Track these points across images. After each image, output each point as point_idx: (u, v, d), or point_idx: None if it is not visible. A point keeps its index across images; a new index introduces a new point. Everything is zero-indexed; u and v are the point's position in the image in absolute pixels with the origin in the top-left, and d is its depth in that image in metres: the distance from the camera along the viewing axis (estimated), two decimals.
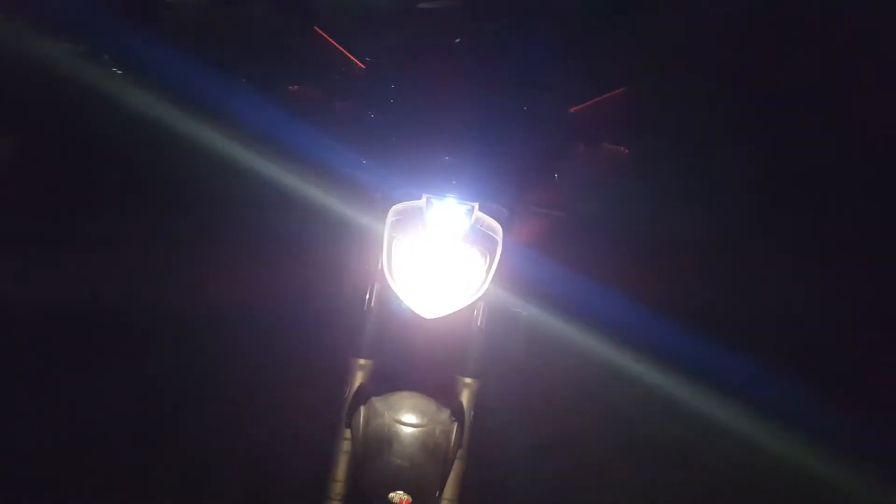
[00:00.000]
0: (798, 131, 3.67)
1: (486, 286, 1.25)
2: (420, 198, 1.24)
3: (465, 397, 1.38)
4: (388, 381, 1.37)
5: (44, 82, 3.87)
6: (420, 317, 1.25)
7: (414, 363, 1.41)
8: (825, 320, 2.62)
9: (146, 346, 2.55)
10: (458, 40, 1.85)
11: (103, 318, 2.66)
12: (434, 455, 1.29)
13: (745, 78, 3.98)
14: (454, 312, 1.25)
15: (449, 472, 1.32)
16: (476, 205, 1.23)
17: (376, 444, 1.29)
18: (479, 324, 1.39)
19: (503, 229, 1.27)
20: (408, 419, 1.29)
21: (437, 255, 1.25)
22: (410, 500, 1.26)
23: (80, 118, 3.79)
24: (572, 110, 1.47)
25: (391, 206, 1.27)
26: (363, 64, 1.55)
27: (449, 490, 1.34)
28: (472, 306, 1.31)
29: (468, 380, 1.38)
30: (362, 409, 1.33)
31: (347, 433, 1.36)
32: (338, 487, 1.38)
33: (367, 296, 1.39)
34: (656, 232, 2.97)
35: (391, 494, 1.26)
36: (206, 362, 2.44)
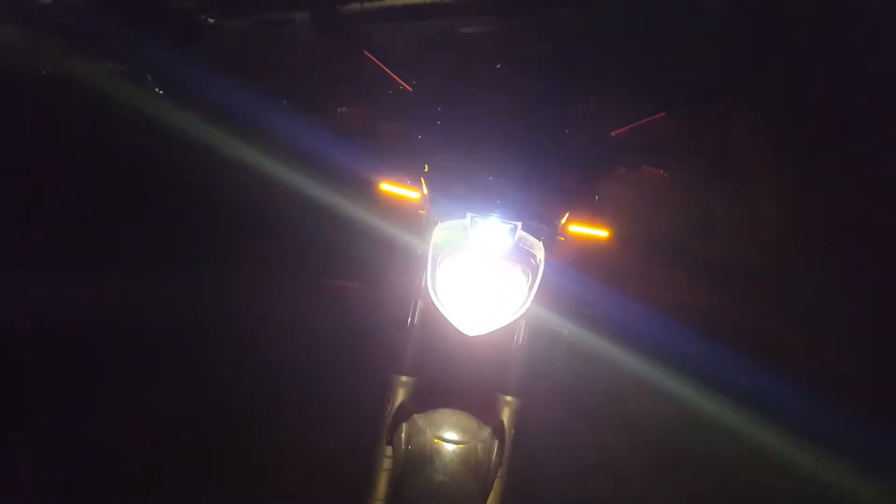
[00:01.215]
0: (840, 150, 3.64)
1: (527, 304, 1.26)
2: (464, 217, 1.27)
3: (506, 415, 1.38)
4: (430, 398, 1.39)
5: (86, 102, 4.02)
6: (462, 334, 1.27)
7: (455, 380, 1.42)
8: (865, 346, 2.57)
9: (187, 359, 2.61)
10: (498, 65, 1.89)
11: (154, 331, 2.72)
12: (475, 472, 1.30)
13: (787, 103, 3.97)
14: (496, 330, 1.27)
15: (490, 489, 1.32)
16: (519, 224, 1.25)
17: (418, 461, 1.30)
18: (520, 342, 1.40)
19: (545, 248, 1.29)
20: (449, 436, 1.30)
21: (481, 273, 1.27)
22: None
23: (123, 139, 3.91)
24: (613, 134, 1.49)
25: (436, 225, 1.30)
26: (410, 87, 1.60)
27: None
28: (513, 324, 1.32)
29: (509, 398, 1.39)
30: (404, 426, 1.34)
31: (388, 450, 1.37)
32: None
33: (411, 313, 1.41)
34: (694, 254, 2.95)
35: None
36: (248, 378, 2.49)
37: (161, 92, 4.11)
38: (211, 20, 8.25)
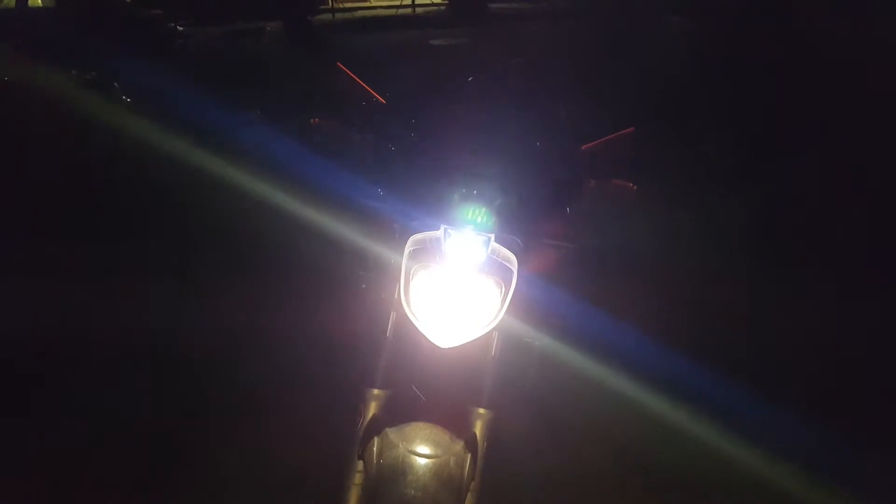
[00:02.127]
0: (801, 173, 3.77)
1: (501, 316, 1.26)
2: (438, 229, 1.27)
3: (478, 428, 1.38)
4: (403, 411, 1.38)
5: (51, 109, 3.94)
6: (435, 346, 1.26)
7: (428, 393, 1.41)
8: (825, 348, 2.64)
9: (155, 375, 2.56)
10: (470, 78, 1.91)
11: (114, 346, 2.67)
12: (448, 486, 1.29)
13: (750, 118, 4.09)
14: (469, 342, 1.27)
15: (463, 503, 1.31)
16: (492, 236, 1.26)
17: (390, 476, 1.29)
18: (493, 354, 1.40)
19: (518, 260, 1.30)
20: (422, 450, 1.29)
21: (454, 285, 1.27)
22: None
23: (87, 146, 3.84)
24: (584, 147, 1.51)
25: (409, 237, 1.30)
26: (383, 99, 1.60)
27: None
28: (486, 336, 1.32)
29: (482, 410, 1.38)
30: (376, 439, 1.33)
31: (360, 465, 1.36)
32: None
33: (384, 326, 1.40)
34: (665, 265, 3.00)
35: None
36: (219, 391, 2.45)
37: (128, 100, 4.04)
38: (180, 28, 8.17)
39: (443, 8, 13.49)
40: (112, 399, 2.40)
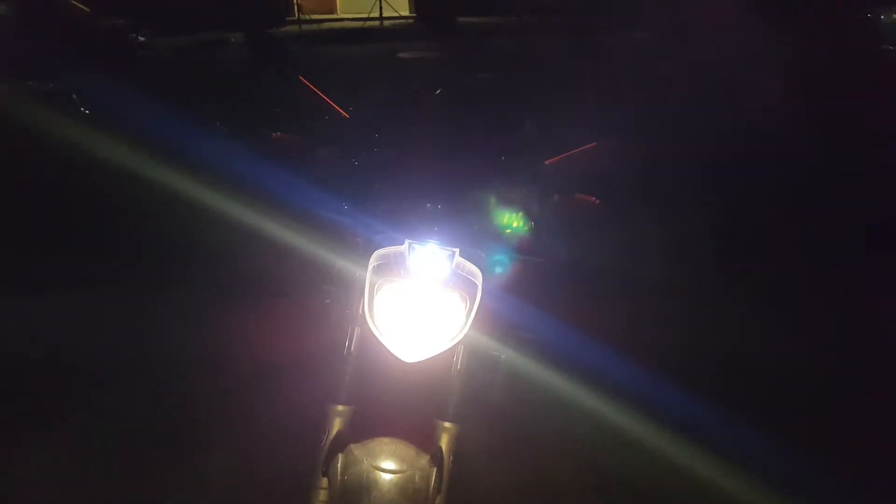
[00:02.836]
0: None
1: (466, 330, 1.27)
2: (402, 243, 1.27)
3: (444, 442, 1.38)
4: (367, 427, 1.37)
5: (7, 122, 3.85)
6: (400, 361, 1.26)
7: (393, 408, 1.41)
8: (796, 359, 2.70)
9: (113, 390, 2.50)
10: (437, 91, 1.92)
11: (75, 364, 2.60)
12: (413, 501, 1.28)
13: (711, 131, 4.20)
14: (434, 356, 1.27)
15: None
16: (457, 250, 1.26)
17: (355, 492, 1.28)
18: (458, 367, 1.40)
19: (482, 274, 1.30)
20: (387, 465, 1.29)
21: (419, 300, 1.27)
22: None
23: (44, 158, 3.75)
24: (547, 162, 1.53)
25: (373, 252, 1.29)
26: (347, 113, 1.60)
27: None
28: (451, 350, 1.32)
29: (448, 424, 1.38)
30: (340, 456, 1.32)
31: (324, 482, 1.35)
32: None
33: (347, 341, 1.40)
34: (628, 277, 3.06)
35: None
36: (177, 409, 2.40)
37: (87, 111, 3.96)
38: (141, 39, 8.04)
39: (411, 21, 13.59)
40: (50, 421, 2.34)
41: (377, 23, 13.56)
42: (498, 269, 1.43)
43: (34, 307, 2.96)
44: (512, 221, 1.48)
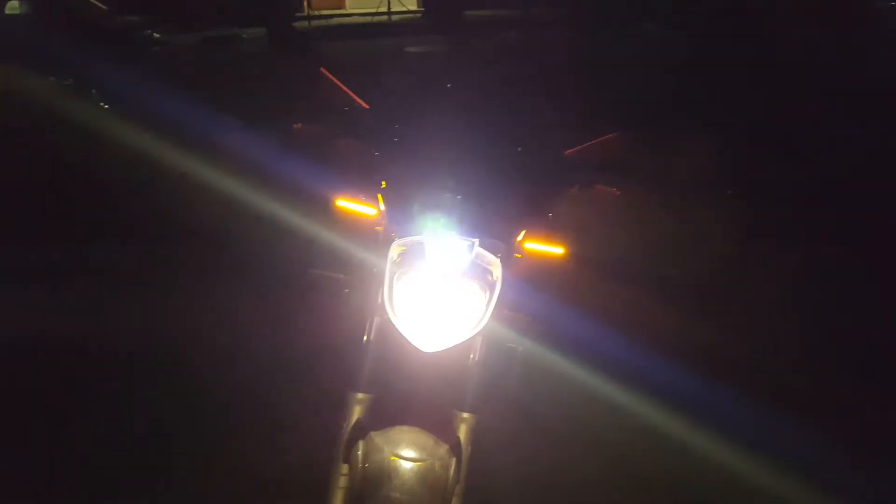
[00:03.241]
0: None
1: (485, 321, 1.27)
2: (421, 233, 1.27)
3: (462, 432, 1.38)
4: (386, 415, 1.37)
5: (30, 116, 3.89)
6: (418, 351, 1.27)
7: (411, 397, 1.41)
8: (816, 352, 2.68)
9: (139, 380, 2.53)
10: (448, 84, 1.92)
11: (91, 352, 2.63)
12: (433, 490, 1.29)
13: (731, 123, 4.16)
14: (452, 347, 1.27)
15: None
16: (476, 241, 1.26)
17: (375, 479, 1.29)
18: (476, 358, 1.41)
19: (502, 265, 1.31)
20: (407, 454, 1.30)
21: (438, 290, 1.27)
22: None
23: (65, 152, 3.79)
24: (567, 153, 1.53)
25: (393, 242, 1.30)
26: (366, 104, 1.60)
27: None
28: (470, 341, 1.32)
29: (465, 415, 1.39)
30: (361, 443, 1.33)
31: (345, 468, 1.36)
32: None
33: (367, 330, 1.41)
34: (647, 269, 3.04)
35: None
36: (201, 397, 2.43)
37: (106, 106, 4.01)
38: (157, 35, 8.10)
39: (418, 16, 13.56)
40: (87, 406, 2.37)
41: (385, 17, 13.55)
42: (517, 260, 1.43)
43: (62, 294, 2.99)
44: (531, 212, 1.48)
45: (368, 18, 13.29)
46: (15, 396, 2.40)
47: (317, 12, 13.57)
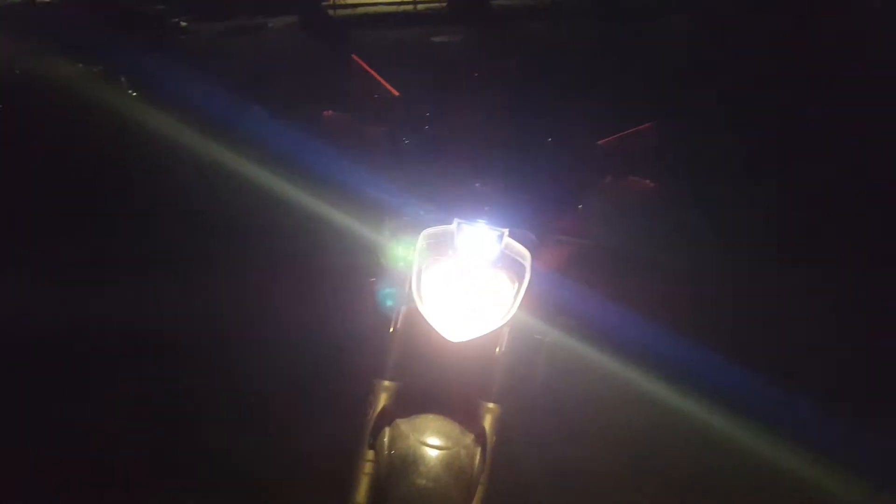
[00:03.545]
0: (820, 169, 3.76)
1: (513, 311, 1.26)
2: (451, 222, 1.27)
3: (488, 422, 1.38)
4: (412, 403, 1.38)
5: (59, 102, 3.95)
6: (445, 340, 1.26)
7: (437, 386, 1.41)
8: (843, 345, 2.64)
9: (168, 366, 2.57)
10: (475, 74, 1.91)
11: (122, 341, 2.68)
12: (458, 478, 1.29)
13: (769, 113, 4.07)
14: (479, 337, 1.27)
15: (473, 495, 1.32)
16: (506, 231, 1.26)
17: (401, 466, 1.29)
18: (503, 349, 1.40)
19: (531, 256, 1.30)
20: (433, 442, 1.30)
21: (466, 280, 1.27)
22: None
23: (94, 139, 3.84)
24: (601, 143, 1.51)
25: (422, 230, 1.30)
26: (397, 92, 1.60)
27: None
28: (497, 331, 1.32)
29: (491, 405, 1.39)
30: (387, 430, 1.34)
31: (370, 454, 1.36)
32: None
33: (394, 318, 1.41)
34: (680, 263, 3.00)
35: None
36: (229, 381, 2.47)
37: (134, 94, 4.05)
38: (183, 24, 8.18)
39: (444, 5, 13.47)
40: (122, 388, 2.43)
41: (410, 7, 13.50)
42: (547, 251, 1.42)
43: (99, 287, 3.04)
44: (561, 203, 1.47)
45: (394, 8, 13.25)
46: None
47: (342, 2, 13.57)
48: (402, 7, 13.32)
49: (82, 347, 2.63)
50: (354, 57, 1.60)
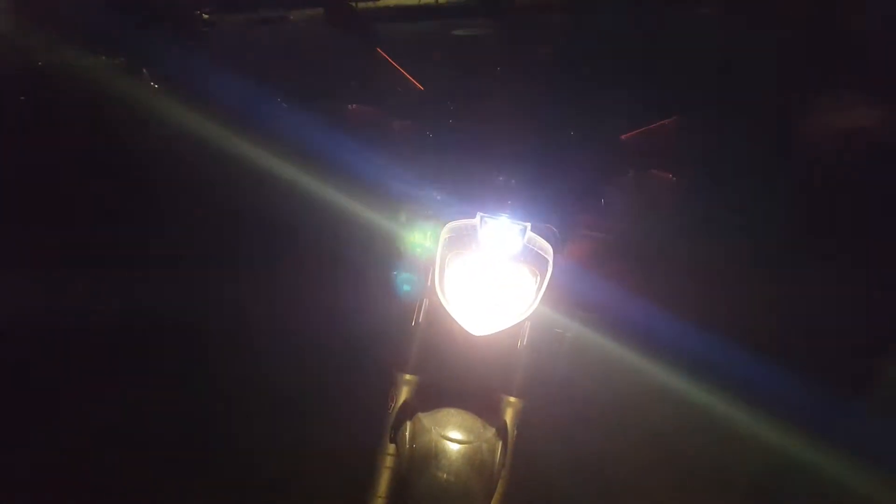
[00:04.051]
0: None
1: (535, 305, 1.26)
2: (474, 216, 1.27)
3: (508, 416, 1.39)
4: (433, 397, 1.38)
5: (82, 94, 3.99)
6: (467, 334, 1.27)
7: (459, 380, 1.42)
8: (870, 341, 2.59)
9: (189, 359, 2.61)
10: (498, 68, 1.90)
11: (154, 329, 2.71)
12: (480, 472, 1.29)
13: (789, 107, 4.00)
14: (501, 331, 1.27)
15: (494, 489, 1.32)
16: (528, 225, 1.25)
17: (422, 460, 1.30)
18: (524, 343, 1.40)
19: (553, 250, 1.29)
20: (454, 435, 1.30)
21: (489, 273, 1.27)
22: None
23: (120, 132, 3.88)
24: (623, 137, 1.50)
25: (445, 224, 1.30)
26: (422, 86, 1.60)
27: None
28: (518, 325, 1.32)
29: (512, 399, 1.39)
30: (408, 423, 1.34)
31: (392, 448, 1.37)
32: (381, 503, 1.39)
33: (416, 312, 1.41)
34: (702, 258, 2.97)
35: None
36: (251, 374, 2.49)
37: (156, 86, 4.09)
38: (206, 16, 8.23)
39: None
40: (145, 381, 2.46)
41: (432, 0, 13.45)
42: (569, 245, 1.41)
43: (122, 276, 3.08)
44: (584, 197, 1.46)
45: (415, 1, 13.21)
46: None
47: None
48: (425, 0, 13.27)
49: (100, 340, 2.67)
50: (379, 50, 1.60)
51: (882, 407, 2.15)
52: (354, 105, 1.55)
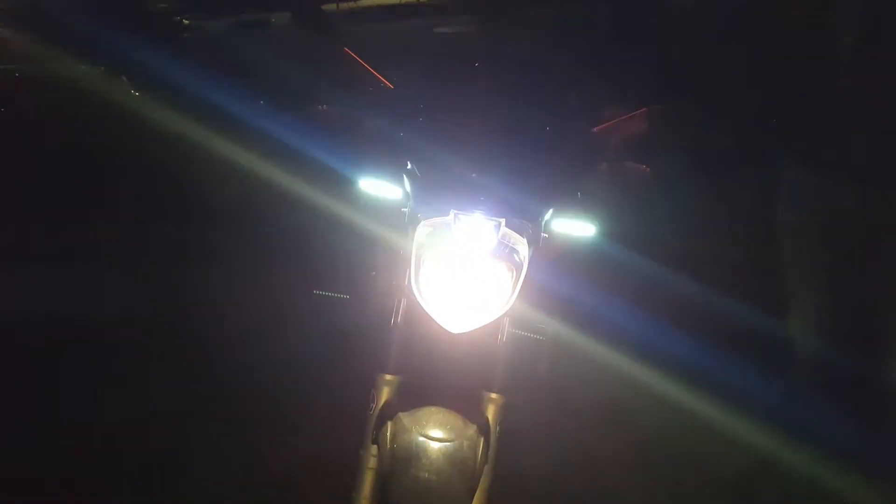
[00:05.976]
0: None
1: (512, 301, 1.26)
2: (448, 214, 1.26)
3: (490, 413, 1.38)
4: (414, 396, 1.38)
5: (60, 102, 3.96)
6: (446, 332, 1.26)
7: (439, 378, 1.41)
8: (840, 334, 2.60)
9: (167, 360, 2.58)
10: (476, 64, 1.89)
11: (132, 331, 2.69)
12: (461, 470, 1.29)
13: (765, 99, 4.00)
14: (480, 328, 1.27)
15: (476, 486, 1.32)
16: (503, 221, 1.25)
17: (404, 459, 1.30)
18: (503, 339, 1.40)
19: (529, 245, 1.29)
20: (435, 434, 1.30)
21: (465, 271, 1.26)
22: None
23: (99, 140, 3.86)
24: (595, 129, 1.50)
25: (419, 223, 1.29)
26: (391, 84, 1.59)
27: None
28: (497, 321, 1.32)
29: (494, 395, 1.39)
30: (389, 424, 1.34)
31: (374, 449, 1.37)
32: None
33: (394, 311, 1.41)
34: (675, 249, 2.98)
35: None
36: (228, 377, 2.47)
37: (136, 93, 4.05)
38: (186, 21, 8.17)
39: None
40: (118, 381, 2.45)
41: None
42: (545, 240, 1.41)
43: (100, 278, 3.07)
44: (559, 191, 1.46)
45: (396, 0, 13.21)
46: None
47: None
48: None
49: (81, 338, 2.64)
50: (346, 50, 1.60)
51: (865, 408, 2.16)
52: (325, 106, 1.54)
